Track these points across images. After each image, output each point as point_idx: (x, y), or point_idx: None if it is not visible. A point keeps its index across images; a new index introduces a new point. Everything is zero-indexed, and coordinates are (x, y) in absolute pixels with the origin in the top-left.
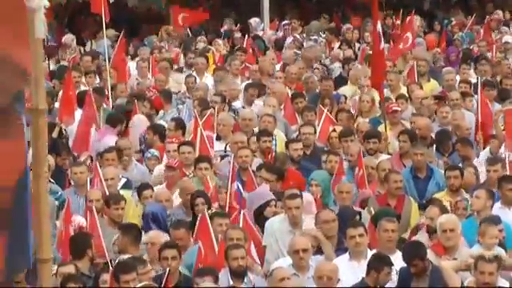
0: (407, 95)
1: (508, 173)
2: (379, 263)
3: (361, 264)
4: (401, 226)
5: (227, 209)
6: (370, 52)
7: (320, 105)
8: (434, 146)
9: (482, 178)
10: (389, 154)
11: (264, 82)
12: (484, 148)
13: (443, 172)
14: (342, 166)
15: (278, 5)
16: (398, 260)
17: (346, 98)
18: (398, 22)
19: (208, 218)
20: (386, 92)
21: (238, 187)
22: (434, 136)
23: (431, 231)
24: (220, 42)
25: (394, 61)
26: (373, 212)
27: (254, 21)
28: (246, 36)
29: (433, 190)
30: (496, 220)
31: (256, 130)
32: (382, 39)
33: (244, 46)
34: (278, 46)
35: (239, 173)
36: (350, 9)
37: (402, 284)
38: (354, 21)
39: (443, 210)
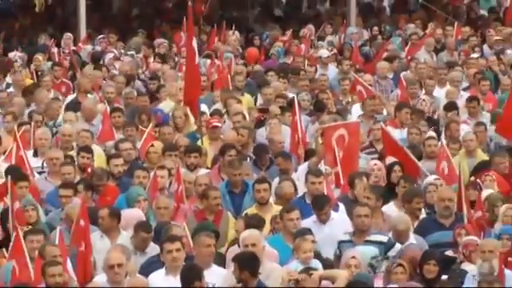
0: (223, 110)
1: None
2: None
3: (177, 279)
4: (219, 241)
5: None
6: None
7: (137, 120)
8: (252, 160)
9: (300, 191)
10: (208, 168)
11: (80, 98)
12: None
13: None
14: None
15: (95, 19)
16: (214, 274)
17: (168, 117)
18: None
19: (21, 236)
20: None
21: None
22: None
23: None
24: (40, 57)
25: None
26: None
27: (66, 36)
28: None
29: (248, 205)
30: (306, 232)
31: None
32: (197, 55)
33: (60, 60)
34: (95, 59)
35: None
36: (168, 23)
37: None
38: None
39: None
